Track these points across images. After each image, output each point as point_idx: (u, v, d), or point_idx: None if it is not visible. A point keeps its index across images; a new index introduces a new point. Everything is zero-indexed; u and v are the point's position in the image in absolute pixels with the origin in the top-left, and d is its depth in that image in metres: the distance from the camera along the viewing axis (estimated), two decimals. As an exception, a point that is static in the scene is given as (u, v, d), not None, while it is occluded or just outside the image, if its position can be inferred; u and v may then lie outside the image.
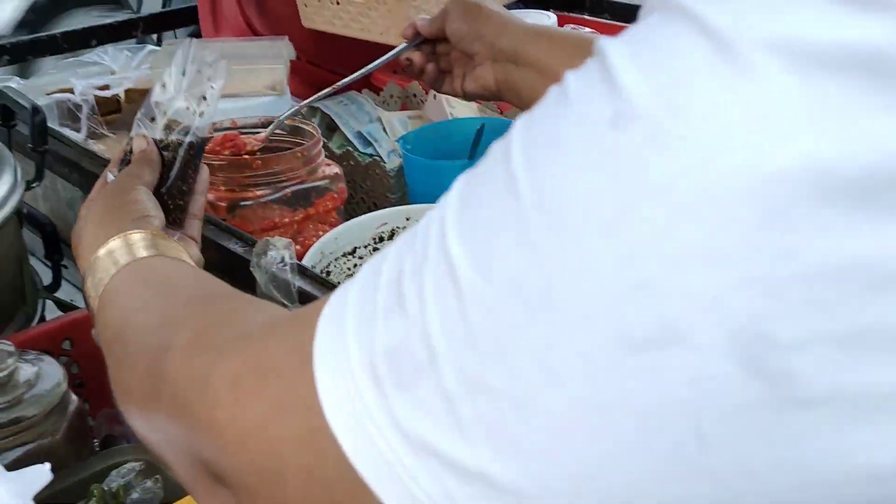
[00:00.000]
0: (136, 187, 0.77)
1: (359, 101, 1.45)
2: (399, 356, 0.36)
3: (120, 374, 0.60)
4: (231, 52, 1.23)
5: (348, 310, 0.39)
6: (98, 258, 0.70)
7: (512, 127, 0.36)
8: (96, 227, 0.74)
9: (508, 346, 0.33)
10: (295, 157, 0.99)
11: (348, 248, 1.01)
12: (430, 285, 0.35)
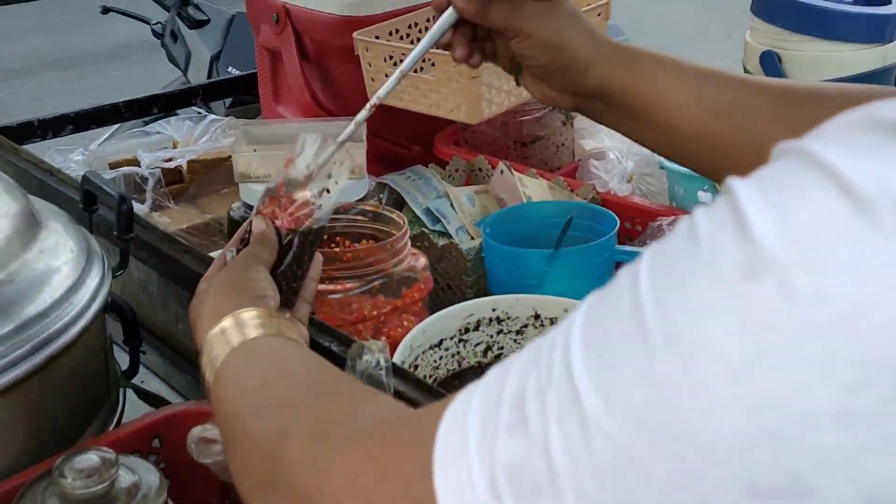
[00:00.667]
0: (255, 266, 0.79)
1: (426, 176, 1.44)
2: (520, 474, 0.37)
3: (236, 453, 0.62)
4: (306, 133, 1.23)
5: (471, 419, 0.40)
6: (213, 334, 0.72)
7: (641, 256, 0.37)
8: (214, 303, 0.76)
9: (630, 480, 0.34)
10: (384, 248, 0.98)
11: (435, 340, 0.99)
12: (554, 407, 0.36)
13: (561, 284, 1.08)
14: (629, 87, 0.82)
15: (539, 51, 0.84)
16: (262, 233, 0.81)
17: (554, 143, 1.55)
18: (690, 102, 0.80)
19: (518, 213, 1.20)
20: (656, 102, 0.81)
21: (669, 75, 0.82)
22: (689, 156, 0.85)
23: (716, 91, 0.80)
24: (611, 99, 0.84)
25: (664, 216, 1.21)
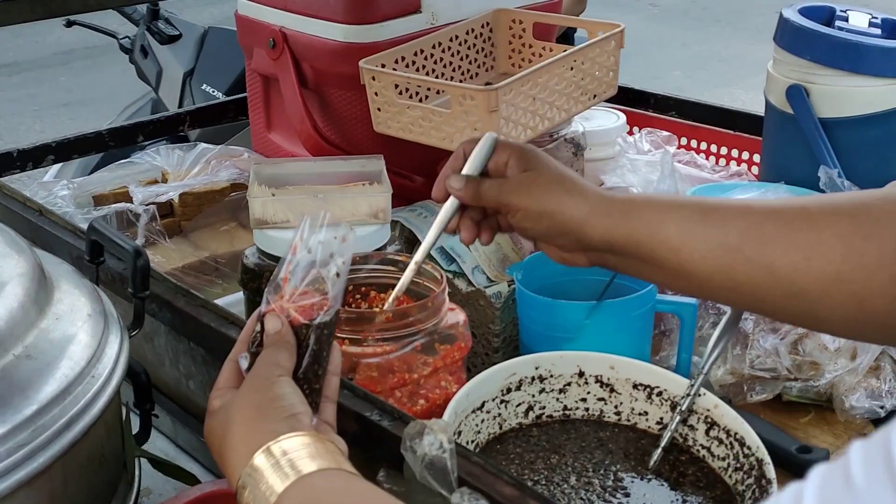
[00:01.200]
0: (278, 379, 0.72)
1: (436, 212, 1.38)
2: None
3: None
4: (324, 173, 1.16)
5: None
6: (258, 468, 0.66)
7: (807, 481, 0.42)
8: (245, 430, 0.70)
9: None
10: (425, 306, 0.91)
11: (478, 403, 0.93)
12: None
13: (600, 337, 1.03)
14: (632, 237, 0.81)
15: (532, 220, 0.85)
16: (278, 334, 0.74)
17: (565, 176, 1.50)
18: (697, 243, 0.78)
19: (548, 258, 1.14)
20: (662, 248, 0.80)
21: (670, 219, 0.80)
22: (709, 293, 0.85)
23: (721, 228, 0.78)
24: (618, 250, 0.83)
25: (697, 259, 1.16)
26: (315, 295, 0.74)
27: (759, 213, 0.77)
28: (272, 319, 0.74)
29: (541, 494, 0.69)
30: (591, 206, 0.82)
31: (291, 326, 0.74)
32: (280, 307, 0.74)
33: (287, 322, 0.74)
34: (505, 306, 1.12)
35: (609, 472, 0.91)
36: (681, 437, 0.94)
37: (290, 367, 0.73)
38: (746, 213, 0.78)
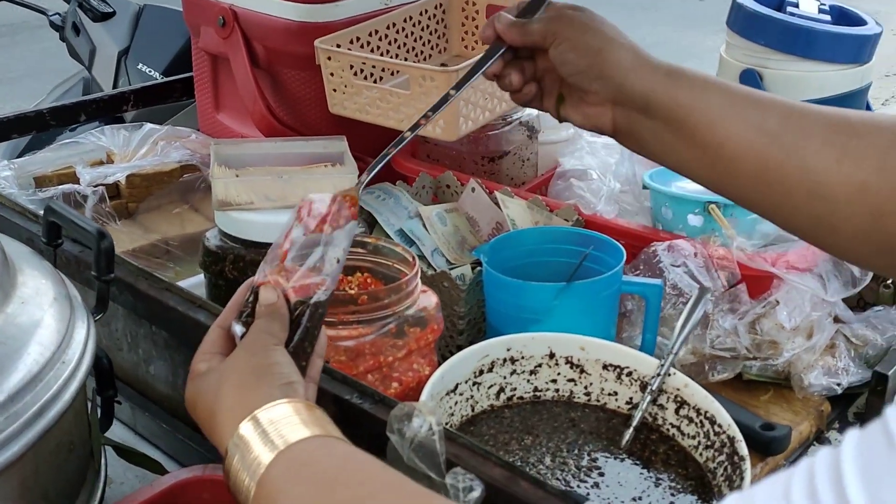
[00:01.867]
0: (274, 347, 0.71)
1: (395, 195, 1.37)
2: None
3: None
4: (284, 153, 1.13)
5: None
6: (247, 434, 0.65)
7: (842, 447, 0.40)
8: (238, 395, 0.68)
9: None
10: (400, 288, 0.90)
11: (451, 385, 0.92)
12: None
13: (568, 318, 1.03)
14: (673, 98, 0.79)
15: (577, 52, 0.83)
16: (273, 305, 0.73)
17: (520, 158, 1.50)
18: (737, 120, 0.77)
19: (516, 239, 1.14)
20: (701, 116, 0.78)
21: (715, 92, 0.79)
22: (732, 179, 0.81)
23: (763, 111, 0.77)
24: (653, 111, 0.81)
25: (657, 241, 1.18)
26: (313, 274, 0.74)
27: (803, 109, 0.77)
28: (268, 291, 0.74)
29: (530, 475, 0.69)
30: (638, 58, 0.82)
31: (286, 301, 0.74)
32: (276, 280, 0.74)
33: (282, 296, 0.74)
34: (470, 288, 1.12)
35: (583, 452, 0.91)
36: (650, 417, 0.95)
37: (283, 339, 0.72)
38: (790, 106, 0.77)
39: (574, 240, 1.11)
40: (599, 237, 1.10)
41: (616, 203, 1.30)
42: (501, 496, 0.68)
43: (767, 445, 0.99)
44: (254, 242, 1.05)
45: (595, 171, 1.34)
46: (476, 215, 1.36)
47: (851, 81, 1.29)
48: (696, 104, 0.78)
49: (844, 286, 1.14)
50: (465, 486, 0.69)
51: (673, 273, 1.15)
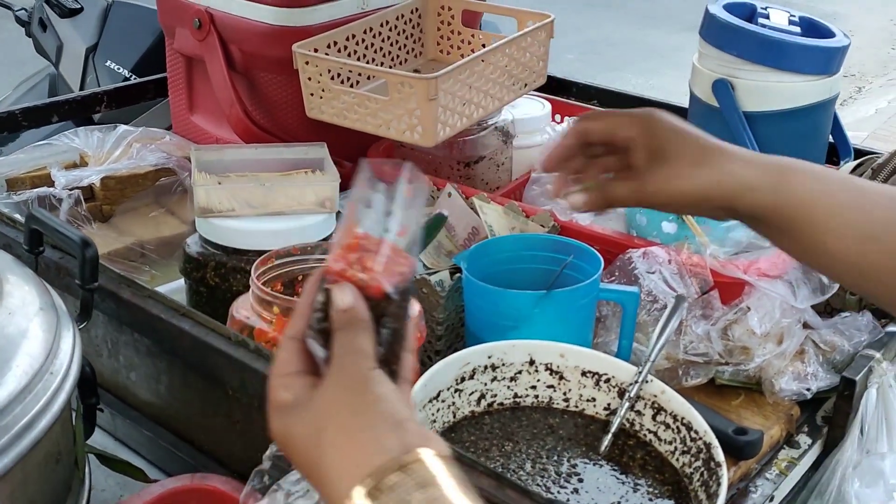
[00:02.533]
0: (369, 372, 0.60)
1: (373, 199, 1.38)
2: None
3: None
4: (266, 160, 1.14)
5: None
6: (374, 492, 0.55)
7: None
8: (342, 444, 0.58)
9: None
10: (384, 298, 0.91)
11: (434, 392, 0.94)
12: None
13: (546, 325, 1.05)
14: (780, 212, 0.78)
15: (677, 208, 0.86)
16: (351, 311, 0.60)
17: (495, 163, 1.52)
18: (843, 228, 0.78)
19: (496, 246, 1.15)
20: (806, 226, 0.78)
21: (821, 200, 0.78)
22: (831, 270, 0.83)
23: (869, 214, 0.78)
24: (763, 221, 0.80)
25: (632, 248, 1.20)
26: (400, 258, 0.61)
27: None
28: (342, 292, 0.60)
29: (517, 484, 0.70)
30: (738, 182, 0.78)
31: (366, 298, 0.61)
32: (348, 274, 0.61)
33: (360, 295, 0.61)
34: (449, 294, 1.13)
35: (562, 458, 0.93)
36: (628, 423, 0.97)
37: (372, 352, 0.61)
38: (891, 202, 0.77)
39: (552, 247, 1.13)
40: (578, 245, 1.11)
41: (591, 209, 1.31)
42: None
43: (741, 450, 1.02)
44: (235, 249, 1.05)
45: (570, 177, 1.35)
46: (452, 220, 1.37)
47: (820, 92, 1.32)
48: (804, 216, 0.78)
49: (813, 293, 1.17)
50: None
51: (648, 280, 1.17)
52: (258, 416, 0.90)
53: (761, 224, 0.81)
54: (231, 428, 0.94)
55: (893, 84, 5.86)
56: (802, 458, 1.08)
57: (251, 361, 0.86)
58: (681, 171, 0.79)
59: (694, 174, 0.79)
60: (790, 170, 0.79)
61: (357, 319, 0.60)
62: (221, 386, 0.91)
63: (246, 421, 0.92)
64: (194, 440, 0.98)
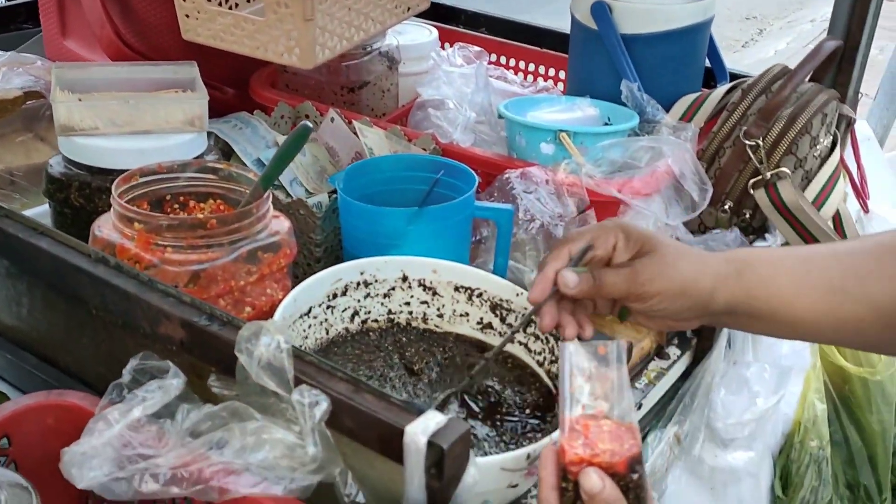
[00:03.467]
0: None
1: (252, 124, 1.35)
2: None
3: None
4: (132, 78, 1.10)
5: None
6: None
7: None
8: None
9: None
10: (249, 213, 0.90)
11: (304, 308, 0.93)
12: None
13: (422, 243, 1.05)
14: (751, 298, 0.84)
15: (668, 302, 0.84)
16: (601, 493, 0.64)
17: (380, 88, 1.50)
18: (808, 292, 0.83)
19: (372, 166, 1.15)
20: (777, 303, 0.83)
21: (782, 273, 0.83)
22: (812, 334, 0.87)
23: (825, 272, 0.83)
24: (736, 313, 0.85)
25: (511, 169, 1.20)
26: (630, 434, 0.66)
27: (849, 255, 0.83)
28: (589, 479, 0.64)
29: (374, 388, 0.71)
30: (714, 272, 0.84)
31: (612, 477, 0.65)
32: (583, 454, 0.65)
33: (606, 476, 0.64)
34: (326, 216, 1.12)
35: (433, 370, 0.94)
36: (500, 335, 0.98)
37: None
38: (837, 255, 0.84)
39: (428, 166, 1.13)
40: (451, 163, 1.11)
41: (473, 132, 1.32)
42: (346, 409, 0.70)
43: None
44: (100, 169, 1.02)
45: (452, 100, 1.35)
46: (335, 145, 1.36)
47: (696, 14, 1.34)
48: (771, 293, 0.83)
49: (685, 210, 1.19)
50: (311, 402, 0.70)
51: (526, 199, 1.18)
52: (122, 335, 0.89)
53: (733, 316, 0.85)
54: (96, 349, 0.92)
55: (792, 26, 6.01)
56: (671, 368, 1.12)
57: (112, 278, 0.84)
58: (667, 262, 0.84)
59: (679, 265, 0.84)
60: (740, 255, 0.87)
61: (616, 501, 0.64)
62: (84, 305, 0.89)
63: (110, 340, 0.90)
64: (60, 363, 0.96)
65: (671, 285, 0.83)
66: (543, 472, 0.67)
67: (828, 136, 1.28)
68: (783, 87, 1.24)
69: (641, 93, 1.32)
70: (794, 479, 1.25)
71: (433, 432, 0.66)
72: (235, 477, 0.67)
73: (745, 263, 0.85)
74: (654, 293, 0.83)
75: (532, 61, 1.67)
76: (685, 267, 0.84)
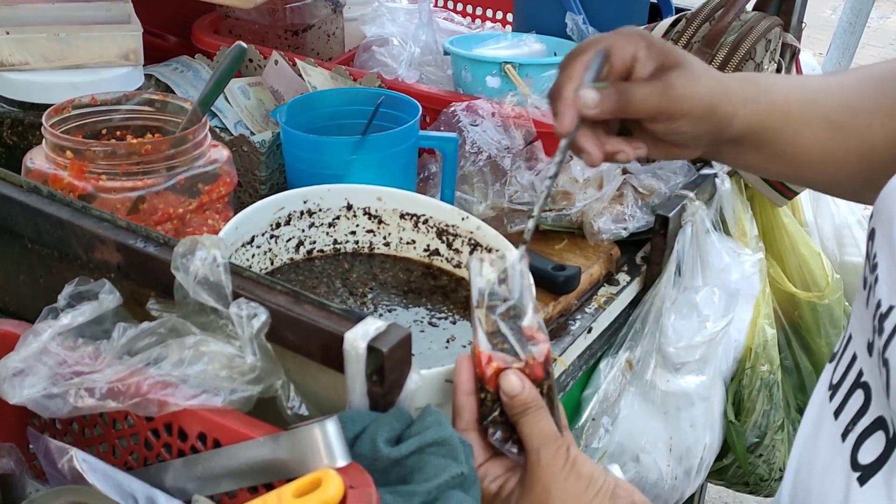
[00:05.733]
0: (573, 455, 0.65)
1: (194, 68, 1.33)
2: None
3: None
4: (64, 15, 1.07)
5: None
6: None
7: None
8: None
9: None
10: (186, 139, 0.88)
11: (247, 237, 0.92)
12: None
13: (367, 172, 1.04)
14: (765, 128, 0.79)
15: (694, 124, 0.76)
16: (520, 395, 0.65)
17: (325, 32, 1.48)
18: (812, 125, 0.79)
19: (311, 102, 1.13)
20: (786, 135, 0.79)
21: (792, 101, 0.79)
22: (804, 173, 0.84)
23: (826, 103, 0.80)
24: (743, 142, 0.80)
25: (456, 102, 1.20)
26: (535, 336, 0.67)
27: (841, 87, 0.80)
28: (509, 380, 0.66)
29: (314, 298, 0.70)
30: (738, 95, 0.77)
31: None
32: (501, 361, 0.66)
33: (526, 378, 0.66)
34: (270, 151, 1.11)
35: (380, 298, 0.93)
36: (448, 261, 0.98)
37: (557, 431, 0.66)
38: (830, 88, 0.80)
39: (371, 99, 1.12)
40: (394, 94, 1.10)
41: (418, 70, 1.31)
42: (286, 320, 0.69)
43: (560, 285, 1.04)
44: (33, 105, 1.00)
45: (396, 37, 1.34)
46: (280, 88, 1.34)
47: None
48: (784, 125, 0.79)
49: (631, 139, 1.19)
50: (250, 314, 0.69)
51: (472, 132, 1.18)
52: (60, 268, 0.87)
53: (739, 145, 0.80)
54: (34, 285, 0.90)
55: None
56: (621, 293, 1.12)
57: (45, 207, 0.82)
58: (698, 78, 0.76)
59: (708, 83, 0.76)
60: (757, 77, 0.81)
61: (533, 403, 0.65)
62: (19, 240, 0.87)
63: (48, 275, 0.88)
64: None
65: (700, 105, 0.75)
66: (458, 379, 0.68)
67: (772, 63, 1.29)
68: (725, 14, 1.24)
69: (587, 25, 1.32)
70: (745, 403, 1.27)
71: (373, 337, 0.66)
72: (173, 389, 0.66)
73: (763, 90, 0.79)
74: (685, 112, 0.75)
75: (479, 5, 1.66)
76: (713, 86, 0.77)
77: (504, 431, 0.68)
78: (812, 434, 0.65)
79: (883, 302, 0.54)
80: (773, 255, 1.35)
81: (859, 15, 3.65)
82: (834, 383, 0.63)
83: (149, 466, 0.70)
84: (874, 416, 0.56)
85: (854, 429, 0.58)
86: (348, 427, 0.64)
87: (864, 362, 0.59)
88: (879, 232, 0.59)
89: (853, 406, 0.59)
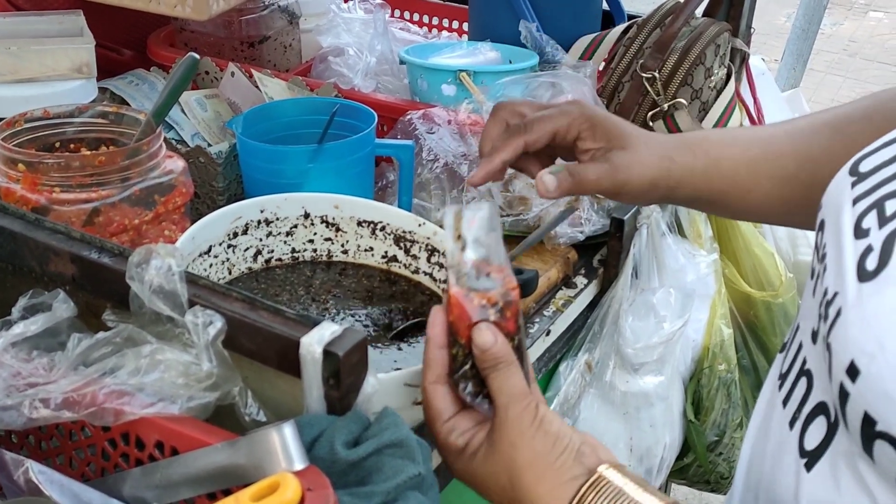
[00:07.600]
0: (541, 412, 0.66)
1: (150, 81, 1.33)
2: None
3: None
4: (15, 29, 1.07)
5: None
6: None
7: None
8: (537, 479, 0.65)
9: None
10: (140, 150, 0.88)
11: (204, 247, 0.92)
12: None
13: (324, 181, 1.05)
14: (712, 191, 0.85)
15: (637, 194, 0.84)
16: (492, 351, 0.65)
17: (281, 44, 1.49)
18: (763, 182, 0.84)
19: (268, 112, 1.14)
20: (736, 195, 0.85)
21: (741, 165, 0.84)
22: (765, 219, 0.96)
23: (779, 158, 0.84)
24: (693, 202, 0.89)
25: (412, 110, 1.21)
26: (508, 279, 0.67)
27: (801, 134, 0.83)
28: (484, 333, 0.66)
29: (269, 304, 0.70)
30: (681, 168, 0.83)
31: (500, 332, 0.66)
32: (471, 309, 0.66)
33: (499, 332, 0.66)
34: (227, 162, 1.11)
35: (341, 307, 0.94)
36: (406, 267, 0.99)
37: (526, 384, 0.66)
38: (792, 137, 0.84)
39: (327, 109, 1.12)
40: (349, 103, 1.11)
41: (375, 79, 1.31)
42: (242, 327, 0.70)
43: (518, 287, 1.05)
44: (-15, 119, 0.99)
45: (352, 47, 1.35)
46: (237, 100, 1.34)
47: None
48: (731, 188, 0.85)
49: (586, 144, 1.21)
50: (205, 322, 0.69)
51: (429, 140, 1.19)
52: (15, 282, 0.86)
53: (691, 202, 0.88)
54: (-11, 299, 0.89)
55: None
56: (579, 296, 1.13)
57: (-3, 220, 0.81)
58: (641, 159, 0.83)
59: (650, 161, 0.83)
60: (706, 153, 0.85)
61: (504, 359, 0.65)
62: (-28, 254, 0.86)
63: (2, 288, 0.87)
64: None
65: (642, 183, 0.83)
66: (432, 332, 0.68)
67: (722, 67, 1.31)
68: (675, 20, 1.27)
69: (540, 33, 1.33)
70: (704, 402, 1.29)
71: (328, 341, 0.66)
72: (129, 398, 0.66)
73: (709, 158, 0.84)
74: (628, 190, 0.84)
75: (435, 14, 1.67)
76: (655, 163, 0.83)
77: (475, 385, 0.68)
78: (763, 423, 0.66)
79: (829, 289, 0.55)
80: (728, 255, 1.37)
81: (812, 21, 3.72)
82: (783, 372, 0.65)
83: (106, 477, 0.69)
84: (816, 401, 0.58)
85: (800, 416, 0.59)
86: (306, 431, 0.65)
87: (808, 351, 0.60)
88: (828, 222, 0.61)
89: (798, 394, 0.60)
